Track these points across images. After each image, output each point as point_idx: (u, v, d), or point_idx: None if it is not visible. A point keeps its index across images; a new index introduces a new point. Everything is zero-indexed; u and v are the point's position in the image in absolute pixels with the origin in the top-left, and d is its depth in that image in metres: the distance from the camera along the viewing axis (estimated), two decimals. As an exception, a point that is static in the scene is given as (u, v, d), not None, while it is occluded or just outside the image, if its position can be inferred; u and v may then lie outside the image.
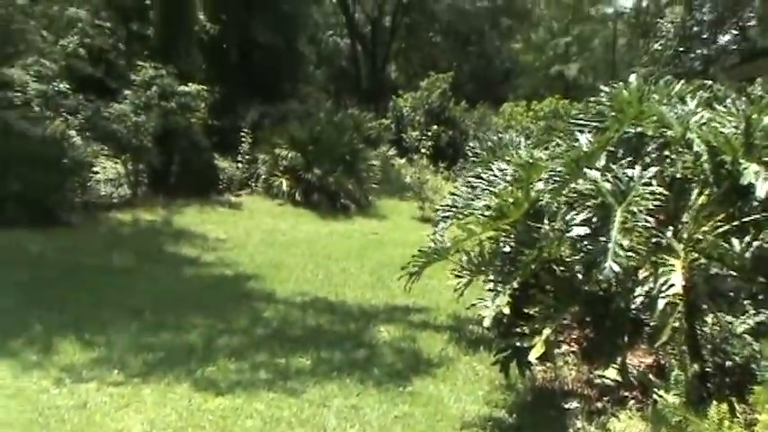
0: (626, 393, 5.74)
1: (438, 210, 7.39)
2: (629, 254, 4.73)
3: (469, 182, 6.62)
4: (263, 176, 18.58)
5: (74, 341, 7.34)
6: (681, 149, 5.39)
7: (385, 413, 5.84)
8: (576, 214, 5.16)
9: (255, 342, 7.66)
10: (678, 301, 4.77)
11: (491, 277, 5.63)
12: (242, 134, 18.96)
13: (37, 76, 16.07)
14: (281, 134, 18.63)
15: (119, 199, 15.96)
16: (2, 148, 13.29)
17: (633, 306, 5.04)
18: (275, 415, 5.72)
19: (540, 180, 5.44)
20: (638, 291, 4.92)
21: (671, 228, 5.14)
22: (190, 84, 16.99)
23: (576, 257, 5.17)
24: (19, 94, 15.88)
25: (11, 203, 12.54)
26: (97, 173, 15.72)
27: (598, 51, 45.85)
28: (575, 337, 7.22)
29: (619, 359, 5.68)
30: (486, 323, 5.61)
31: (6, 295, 8.99)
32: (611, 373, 5.82)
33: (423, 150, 23.71)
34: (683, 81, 5.90)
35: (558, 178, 5.23)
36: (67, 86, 16.64)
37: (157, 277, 10.57)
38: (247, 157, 18.92)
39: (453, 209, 6.53)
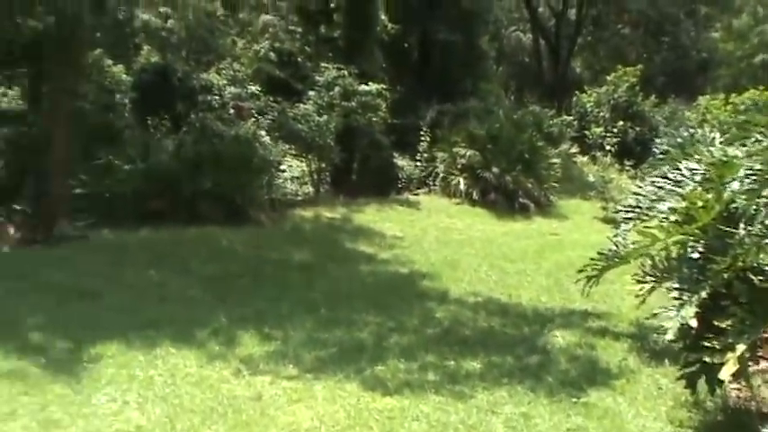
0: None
1: (620, 210, 6.97)
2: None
3: (655, 182, 6.17)
4: (440, 175, 18.40)
5: (254, 334, 7.69)
6: None
7: (556, 425, 5.57)
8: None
9: (425, 342, 7.60)
10: None
11: (676, 285, 5.17)
12: (421, 133, 19.00)
13: (231, 79, 17.18)
14: (459, 132, 18.43)
15: (302, 197, 16.61)
16: (198, 149, 14.26)
17: None
18: (441, 419, 5.61)
19: (735, 180, 4.92)
20: None
21: None
22: (370, 83, 17.34)
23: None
24: (217, 97, 17.11)
25: (205, 201, 13.39)
26: (284, 171, 16.46)
27: (810, 38, 41.51)
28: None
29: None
30: (670, 335, 5.19)
31: (196, 287, 9.63)
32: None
33: (607, 147, 22.68)
34: None
35: (755, 178, 4.69)
36: (258, 89, 17.65)
37: (334, 274, 10.84)
38: (426, 155, 18.88)
39: (636, 210, 6.13)
